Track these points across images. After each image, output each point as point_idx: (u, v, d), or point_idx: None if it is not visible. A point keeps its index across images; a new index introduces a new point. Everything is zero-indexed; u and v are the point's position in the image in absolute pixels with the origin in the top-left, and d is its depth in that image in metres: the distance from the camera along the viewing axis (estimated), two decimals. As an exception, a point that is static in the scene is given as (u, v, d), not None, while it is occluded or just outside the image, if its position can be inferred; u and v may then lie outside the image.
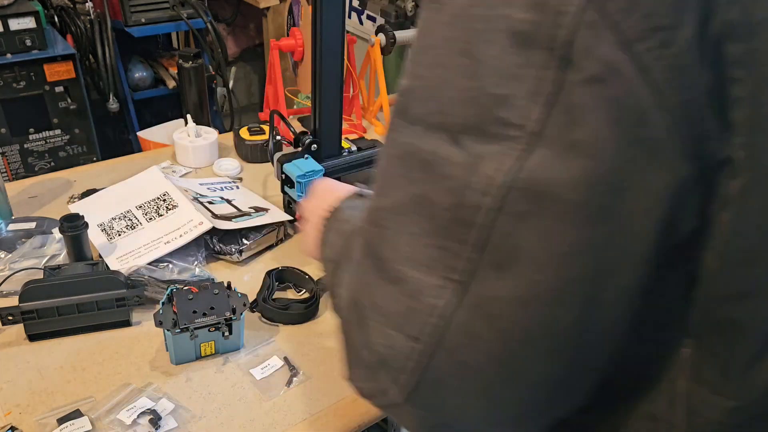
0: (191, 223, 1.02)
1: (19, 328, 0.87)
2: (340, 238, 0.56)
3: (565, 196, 0.32)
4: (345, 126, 1.38)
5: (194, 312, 0.83)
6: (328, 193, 0.67)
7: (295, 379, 0.84)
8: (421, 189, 0.36)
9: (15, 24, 1.86)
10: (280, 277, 1.00)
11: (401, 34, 1.49)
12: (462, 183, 0.34)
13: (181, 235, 1.00)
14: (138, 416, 0.76)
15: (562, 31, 0.31)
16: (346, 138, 1.38)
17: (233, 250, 1.03)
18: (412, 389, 0.37)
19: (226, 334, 0.84)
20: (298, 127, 1.38)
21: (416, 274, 0.36)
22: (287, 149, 1.06)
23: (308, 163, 1.00)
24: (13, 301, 0.86)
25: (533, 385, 0.37)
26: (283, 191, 1.14)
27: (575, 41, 0.31)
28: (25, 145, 2.02)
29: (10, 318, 0.84)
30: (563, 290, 0.34)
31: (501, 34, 0.32)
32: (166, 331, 0.81)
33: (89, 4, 2.22)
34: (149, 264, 0.96)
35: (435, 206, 0.35)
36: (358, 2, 2.03)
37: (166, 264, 0.97)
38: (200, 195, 1.14)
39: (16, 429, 0.74)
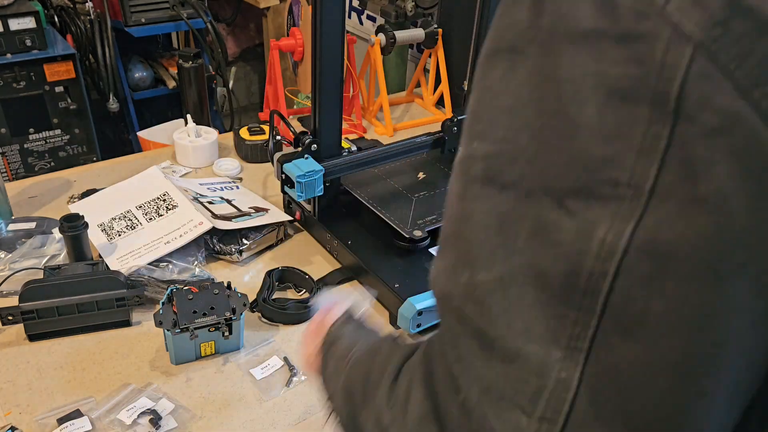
0: (191, 223, 1.02)
1: (19, 328, 0.87)
2: (343, 374, 0.52)
3: (693, 255, 0.30)
4: (345, 126, 1.38)
5: (194, 312, 0.83)
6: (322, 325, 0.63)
7: (294, 379, 0.84)
8: (530, 258, 0.34)
9: (15, 24, 1.86)
10: (280, 277, 1.00)
11: (401, 34, 1.49)
12: (575, 249, 0.32)
13: (181, 235, 1.00)
14: (138, 416, 0.76)
15: (672, 84, 0.29)
16: (346, 138, 1.38)
17: (233, 250, 1.03)
18: None
19: (226, 334, 0.84)
20: (298, 127, 1.38)
21: (536, 349, 0.34)
22: (287, 149, 1.06)
23: (308, 163, 1.00)
24: (13, 301, 0.86)
25: None
26: (283, 191, 1.14)
27: (687, 93, 0.29)
28: (25, 145, 2.02)
29: (10, 318, 0.85)
30: (694, 355, 0.32)
31: (595, 93, 0.30)
32: (166, 331, 0.82)
33: (89, 4, 2.22)
34: (149, 264, 0.96)
35: (547, 275, 0.33)
36: (358, 2, 2.03)
37: (166, 264, 0.97)
38: (200, 195, 1.14)
39: (16, 429, 0.74)
